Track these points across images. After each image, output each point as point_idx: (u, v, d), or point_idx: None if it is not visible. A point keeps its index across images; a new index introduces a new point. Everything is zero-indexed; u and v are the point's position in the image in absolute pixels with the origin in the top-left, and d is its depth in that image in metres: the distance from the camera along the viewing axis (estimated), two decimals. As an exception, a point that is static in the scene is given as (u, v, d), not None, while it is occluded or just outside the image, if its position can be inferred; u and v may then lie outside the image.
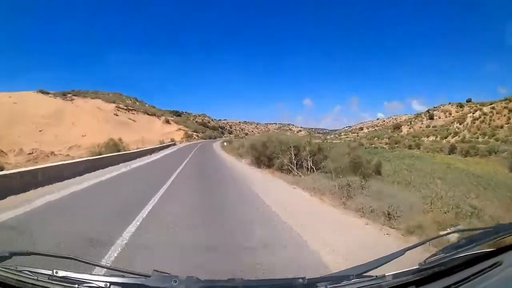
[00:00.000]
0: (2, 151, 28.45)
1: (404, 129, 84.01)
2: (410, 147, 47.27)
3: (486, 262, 1.17)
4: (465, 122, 58.68)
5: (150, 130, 59.88)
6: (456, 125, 60.42)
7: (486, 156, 38.17)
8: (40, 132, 49.69)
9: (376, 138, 77.45)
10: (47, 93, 70.56)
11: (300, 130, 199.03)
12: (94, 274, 1.24)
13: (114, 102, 70.11)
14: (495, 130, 50.88)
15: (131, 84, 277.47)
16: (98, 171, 11.29)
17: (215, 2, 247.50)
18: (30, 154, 30.19)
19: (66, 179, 8.95)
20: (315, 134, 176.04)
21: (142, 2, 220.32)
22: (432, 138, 60.33)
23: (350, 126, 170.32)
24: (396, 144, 53.19)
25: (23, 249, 1.25)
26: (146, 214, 5.23)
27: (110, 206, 5.93)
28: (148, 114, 74.09)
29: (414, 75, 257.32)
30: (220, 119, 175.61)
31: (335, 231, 4.37)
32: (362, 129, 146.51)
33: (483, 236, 1.23)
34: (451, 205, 5.04)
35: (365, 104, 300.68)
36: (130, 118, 62.57)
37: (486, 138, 48.92)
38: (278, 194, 7.55)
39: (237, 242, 3.92)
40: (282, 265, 3.14)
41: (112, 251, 3.43)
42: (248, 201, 6.67)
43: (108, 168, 12.50)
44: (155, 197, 6.74)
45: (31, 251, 1.23)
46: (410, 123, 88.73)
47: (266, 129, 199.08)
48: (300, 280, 1.06)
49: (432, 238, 2.15)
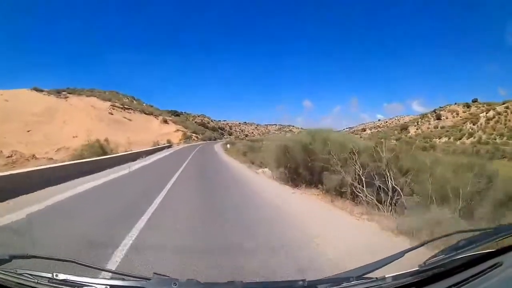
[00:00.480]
0: (-23, 154, 25.19)
1: (411, 129, 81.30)
2: (424, 149, 44.28)
3: (486, 263, 1.16)
4: (478, 123, 55.83)
5: (147, 130, 56.64)
6: (469, 125, 57.58)
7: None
8: (28, 132, 46.65)
9: (382, 139, 74.61)
10: (41, 90, 68.28)
11: (300, 131, 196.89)
12: (94, 277, 1.15)
13: (109, 101, 66.91)
14: (513, 131, 48.21)
15: (130, 84, 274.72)
16: (45, 190, 7.57)
17: (215, 3, 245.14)
18: (9, 157, 26.86)
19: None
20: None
21: (142, 2, 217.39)
22: (444, 139, 57.53)
23: (351, 127, 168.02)
24: (405, 145, 50.31)
25: (23, 252, 1.24)
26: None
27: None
28: (145, 114, 70.95)
29: (414, 76, 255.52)
30: (219, 120, 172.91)
31: None
32: (364, 130, 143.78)
33: (483, 237, 1.24)
34: None
35: (364, 105, 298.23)
36: (125, 117, 59.39)
37: (505, 139, 46.05)
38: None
39: None
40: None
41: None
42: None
43: (64, 184, 8.48)
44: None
45: (31, 254, 1.24)
46: (417, 124, 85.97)
47: (266, 130, 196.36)
48: (300, 282, 1.05)
49: (432, 240, 1.92)
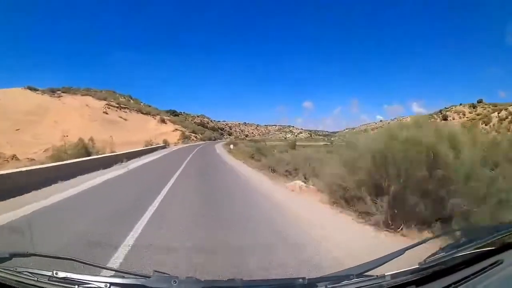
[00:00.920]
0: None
1: (418, 130, 78.84)
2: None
3: (486, 261, 1.17)
4: (491, 123, 53.40)
5: (144, 130, 53.70)
6: (481, 126, 55.12)
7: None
8: (17, 131, 43.86)
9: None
10: (36, 89, 66.25)
11: (301, 132, 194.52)
12: (94, 275, 1.15)
13: (105, 100, 64.02)
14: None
15: (130, 85, 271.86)
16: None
17: (215, 3, 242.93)
18: (-13, 158, 23.97)
19: None
20: (317, 136, 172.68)
21: (142, 3, 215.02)
22: None
23: (352, 128, 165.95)
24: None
25: (23, 250, 1.26)
26: None
27: None
28: (142, 113, 68.04)
29: (413, 78, 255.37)
30: (219, 121, 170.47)
31: None
32: (366, 130, 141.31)
33: (483, 235, 1.24)
34: None
35: (363, 106, 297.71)
36: (121, 117, 56.51)
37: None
38: None
39: None
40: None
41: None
42: None
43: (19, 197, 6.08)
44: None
45: (31, 252, 1.25)
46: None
47: (266, 130, 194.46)
48: (300, 280, 1.06)
49: (432, 237, 2.05)
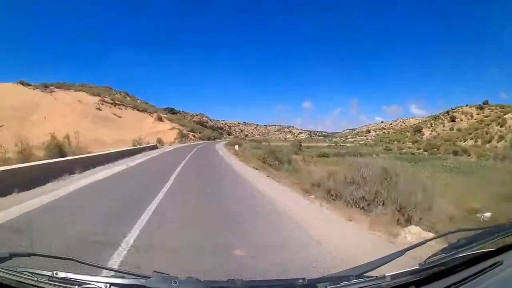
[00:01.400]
0: None
1: (425, 131, 76.23)
2: (456, 154, 38.60)
3: (486, 262, 1.16)
4: (506, 124, 50.54)
5: (138, 128, 50.22)
6: (496, 127, 52.30)
7: None
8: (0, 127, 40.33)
9: (396, 142, 69.51)
10: (29, 84, 63.26)
11: (301, 132, 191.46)
12: (94, 275, 1.14)
13: (99, 95, 60.53)
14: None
15: (128, 83, 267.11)
16: None
17: (215, 3, 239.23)
18: None
19: None
20: (316, 137, 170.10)
21: (142, 2, 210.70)
22: (471, 142, 52.26)
23: (354, 129, 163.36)
24: (432, 148, 44.68)
25: (23, 250, 1.24)
26: None
27: None
28: (138, 110, 64.52)
29: (412, 79, 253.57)
30: (218, 120, 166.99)
31: None
32: (369, 131, 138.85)
33: (483, 236, 1.23)
34: None
35: (362, 107, 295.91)
36: (115, 113, 53.04)
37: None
38: None
39: None
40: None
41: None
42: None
43: None
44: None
45: (31, 252, 1.25)
46: (431, 126, 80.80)
47: (266, 130, 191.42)
48: (300, 280, 1.05)
49: (432, 238, 1.97)
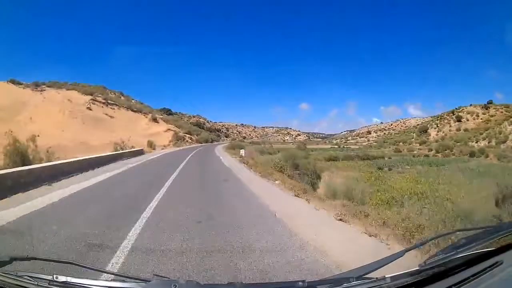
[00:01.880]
0: None
1: (431, 132, 73.99)
2: (472, 155, 36.00)
3: (486, 262, 1.15)
4: (519, 124, 48.41)
5: (132, 129, 47.10)
6: (509, 127, 50.06)
7: None
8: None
9: (401, 143, 67.18)
10: (20, 83, 60.38)
11: (299, 134, 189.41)
12: (94, 279, 1.14)
13: (91, 95, 57.49)
14: None
15: (125, 83, 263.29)
16: None
17: (212, 6, 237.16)
18: None
19: None
20: (314, 138, 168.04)
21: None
22: (484, 143, 49.94)
23: (353, 130, 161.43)
24: (445, 150, 42.08)
25: (23, 254, 1.17)
26: None
27: None
28: (132, 111, 61.40)
29: (410, 79, 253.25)
30: (215, 122, 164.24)
31: None
32: (369, 132, 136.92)
33: (483, 235, 1.22)
34: None
35: (359, 108, 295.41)
36: (107, 114, 49.85)
37: None
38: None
39: None
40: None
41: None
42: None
43: None
44: None
45: (31, 256, 1.25)
46: (437, 126, 78.64)
47: (264, 132, 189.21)
48: (300, 283, 1.04)
49: (431, 239, 1.88)
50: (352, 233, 4.28)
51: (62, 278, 1.06)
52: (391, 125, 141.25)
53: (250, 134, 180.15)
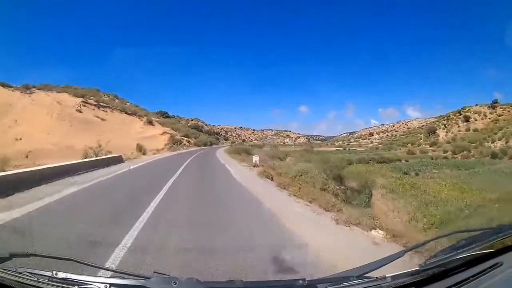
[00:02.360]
0: None
1: (440, 133, 71.49)
2: (494, 156, 33.08)
3: (486, 263, 1.15)
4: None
5: (125, 133, 43.88)
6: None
7: None
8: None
9: (410, 144, 64.58)
10: (10, 86, 57.98)
11: (298, 137, 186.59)
12: (94, 276, 1.14)
13: (83, 97, 54.35)
14: None
15: (121, 86, 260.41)
16: None
17: (210, 8, 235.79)
18: None
19: None
20: (315, 141, 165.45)
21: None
22: (500, 143, 47.34)
23: (353, 132, 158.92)
24: (462, 151, 39.27)
25: (23, 250, 1.22)
26: None
27: None
28: (127, 113, 58.21)
29: (406, 82, 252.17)
30: (214, 125, 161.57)
31: None
32: (372, 134, 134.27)
33: (483, 237, 1.21)
34: None
35: (358, 110, 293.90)
36: (98, 116, 46.68)
37: None
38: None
39: None
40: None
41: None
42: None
43: None
44: None
45: (31, 253, 1.23)
46: (445, 127, 76.20)
47: (263, 135, 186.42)
48: (300, 281, 1.04)
49: (431, 239, 1.94)
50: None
51: (61, 275, 1.06)
52: (393, 126, 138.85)
53: (249, 137, 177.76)
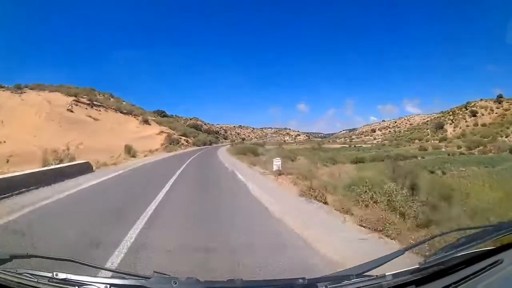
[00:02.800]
0: None
1: (448, 128, 69.42)
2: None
3: (486, 260, 1.14)
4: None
5: (119, 132, 41.21)
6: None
7: None
8: None
9: (417, 140, 62.48)
10: (1, 86, 55.36)
11: (298, 134, 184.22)
12: (94, 276, 1.12)
13: (75, 96, 51.65)
14: None
15: (118, 86, 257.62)
16: None
17: (208, 8, 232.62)
18: None
19: None
20: (314, 138, 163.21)
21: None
22: None
23: (354, 129, 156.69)
24: (477, 146, 37.06)
25: (23, 251, 1.17)
26: None
27: None
28: (122, 113, 55.57)
29: (405, 78, 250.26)
30: (213, 124, 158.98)
31: None
32: (374, 131, 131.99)
33: (483, 234, 1.21)
34: None
35: (356, 107, 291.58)
36: (90, 116, 44.01)
37: None
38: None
39: None
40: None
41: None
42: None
43: None
44: None
45: (31, 254, 1.24)
46: (452, 122, 74.15)
47: (263, 133, 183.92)
48: (300, 280, 1.04)
49: (432, 237, 1.95)
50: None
51: (62, 275, 1.05)
52: (395, 123, 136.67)
53: (249, 136, 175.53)
